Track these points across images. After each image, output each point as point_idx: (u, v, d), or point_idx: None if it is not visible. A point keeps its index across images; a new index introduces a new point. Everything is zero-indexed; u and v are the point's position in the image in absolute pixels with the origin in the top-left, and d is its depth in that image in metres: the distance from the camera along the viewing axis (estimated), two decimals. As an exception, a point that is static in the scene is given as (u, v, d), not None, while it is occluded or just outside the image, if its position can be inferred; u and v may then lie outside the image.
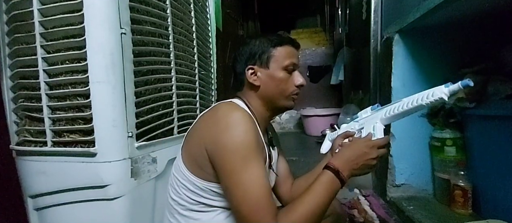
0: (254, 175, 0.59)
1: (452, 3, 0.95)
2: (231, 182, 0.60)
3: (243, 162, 0.59)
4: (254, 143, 0.61)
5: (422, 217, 1.17)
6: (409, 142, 1.39)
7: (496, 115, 1.02)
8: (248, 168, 0.59)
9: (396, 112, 0.66)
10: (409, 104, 0.63)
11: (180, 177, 0.69)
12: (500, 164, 1.04)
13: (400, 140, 1.40)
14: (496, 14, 1.07)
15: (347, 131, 0.80)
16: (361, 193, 1.67)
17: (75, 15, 0.75)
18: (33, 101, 0.82)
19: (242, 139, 0.60)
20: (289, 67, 0.73)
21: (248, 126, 0.61)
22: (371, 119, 0.72)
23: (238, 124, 0.61)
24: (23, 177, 0.86)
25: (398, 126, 1.40)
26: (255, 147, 0.61)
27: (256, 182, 0.59)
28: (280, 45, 0.74)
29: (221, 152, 0.61)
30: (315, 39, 3.96)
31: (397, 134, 1.40)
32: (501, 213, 1.00)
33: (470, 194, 1.14)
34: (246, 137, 0.60)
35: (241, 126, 0.61)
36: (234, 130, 0.60)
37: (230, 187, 0.60)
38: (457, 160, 1.24)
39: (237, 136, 0.60)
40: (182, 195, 0.68)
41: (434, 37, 1.30)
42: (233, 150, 0.59)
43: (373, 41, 1.73)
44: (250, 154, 0.60)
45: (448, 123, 1.26)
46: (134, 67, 0.83)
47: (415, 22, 1.16)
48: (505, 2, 0.94)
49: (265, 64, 0.74)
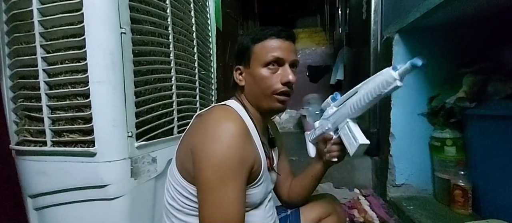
0: (228, 197, 0.56)
1: (452, 3, 0.95)
2: (203, 196, 0.58)
3: (220, 180, 0.56)
4: (236, 160, 0.58)
5: (422, 217, 1.17)
6: (409, 142, 1.39)
7: (496, 114, 1.02)
8: (223, 187, 0.56)
9: (360, 105, 0.64)
10: (369, 96, 0.61)
11: (174, 181, 0.67)
12: (500, 163, 1.04)
13: (400, 140, 1.40)
14: (496, 14, 1.07)
15: (325, 134, 0.75)
16: (361, 193, 1.66)
17: (75, 14, 0.75)
18: (32, 101, 0.82)
19: (223, 155, 0.57)
20: (271, 63, 0.67)
21: (234, 139, 0.58)
22: (340, 117, 0.70)
23: (224, 137, 0.57)
24: (23, 176, 0.86)
25: (398, 126, 1.40)
26: (236, 164, 0.58)
27: (228, 205, 0.56)
28: (260, 40, 0.68)
29: (201, 162, 0.58)
30: (315, 39, 3.96)
31: (397, 134, 1.40)
32: (501, 213, 1.00)
33: (470, 194, 1.14)
34: (229, 153, 0.57)
35: (226, 139, 0.57)
36: (218, 143, 0.57)
37: (201, 200, 0.58)
38: (457, 159, 1.24)
39: (219, 150, 0.57)
40: (177, 200, 0.66)
41: (434, 37, 1.30)
42: (212, 165, 0.57)
43: (373, 41, 1.73)
44: (229, 173, 0.57)
45: (448, 123, 1.26)
46: (134, 67, 0.83)
47: (415, 22, 1.16)
48: (505, 2, 0.94)
49: (247, 62, 0.70)
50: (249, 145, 0.63)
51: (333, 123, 0.72)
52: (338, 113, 0.71)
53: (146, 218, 0.90)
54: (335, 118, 0.72)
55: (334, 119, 0.72)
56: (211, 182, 0.57)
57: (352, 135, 0.66)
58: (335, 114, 0.72)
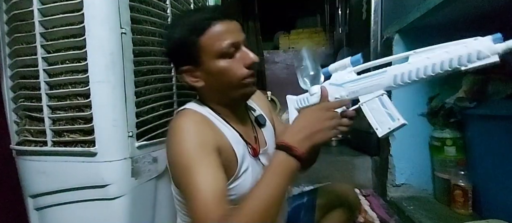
0: (199, 183, 0.54)
1: (452, 3, 0.95)
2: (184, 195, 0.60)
3: (187, 174, 0.55)
4: (193, 149, 0.56)
5: (422, 217, 1.17)
6: (409, 142, 1.39)
7: (496, 114, 1.02)
8: (193, 177, 0.54)
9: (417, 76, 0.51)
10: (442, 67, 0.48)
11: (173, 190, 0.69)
12: (500, 163, 1.04)
13: (400, 139, 1.40)
14: (496, 14, 1.07)
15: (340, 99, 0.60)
16: (361, 193, 1.67)
17: (75, 14, 0.75)
18: (33, 101, 0.82)
19: (181, 151, 0.56)
20: (227, 51, 0.60)
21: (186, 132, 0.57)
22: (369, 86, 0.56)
23: (178, 135, 0.58)
24: (23, 176, 0.86)
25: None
26: (195, 152, 0.56)
27: (204, 190, 0.53)
28: (203, 31, 0.59)
29: (170, 168, 0.61)
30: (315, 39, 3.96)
31: (397, 134, 1.40)
32: (501, 213, 1.00)
33: (470, 194, 1.14)
34: (185, 146, 0.56)
35: (180, 136, 0.57)
36: (175, 144, 0.58)
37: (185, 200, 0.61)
38: (457, 159, 1.24)
39: (177, 147, 0.57)
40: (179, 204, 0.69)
41: (434, 37, 1.29)
42: (177, 164, 0.58)
43: (373, 41, 1.74)
44: (192, 162, 0.55)
45: (448, 123, 1.26)
46: (134, 67, 0.83)
47: (415, 22, 1.16)
48: (505, 2, 0.94)
49: (196, 60, 0.62)
50: (207, 130, 0.61)
51: (353, 92, 0.59)
52: (365, 81, 0.58)
53: (146, 218, 0.90)
54: (358, 86, 0.58)
55: (355, 87, 0.59)
56: (181, 180, 0.57)
57: (387, 111, 0.55)
58: (359, 81, 0.58)
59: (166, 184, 0.93)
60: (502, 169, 1.03)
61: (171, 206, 0.80)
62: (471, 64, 0.48)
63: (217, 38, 0.59)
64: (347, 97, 0.60)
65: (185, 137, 0.57)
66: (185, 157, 0.56)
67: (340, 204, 0.86)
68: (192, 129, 0.58)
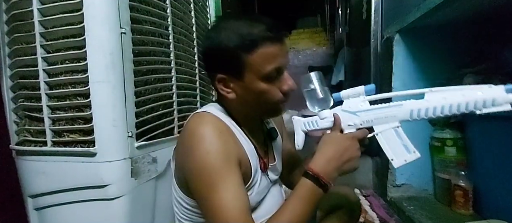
0: (222, 199, 0.53)
1: (453, 3, 0.95)
2: (202, 208, 0.57)
3: (209, 188, 0.54)
4: (218, 162, 0.54)
5: (422, 217, 1.17)
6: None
7: (497, 115, 1.02)
8: (215, 193, 0.53)
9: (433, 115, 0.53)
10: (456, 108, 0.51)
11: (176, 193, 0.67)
12: (500, 164, 1.03)
13: (401, 140, 1.40)
14: (496, 14, 1.07)
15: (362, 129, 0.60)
16: (361, 193, 1.66)
17: (75, 14, 0.75)
18: (33, 101, 0.82)
19: (204, 163, 0.54)
20: (271, 74, 0.58)
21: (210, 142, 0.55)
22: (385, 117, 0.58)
23: (200, 144, 0.55)
24: (23, 176, 0.86)
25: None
26: (219, 166, 0.54)
27: (225, 206, 0.52)
28: (255, 48, 0.56)
29: (189, 178, 0.57)
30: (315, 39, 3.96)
31: (398, 134, 1.40)
32: (502, 213, 1.00)
33: (470, 194, 1.14)
34: (208, 158, 0.54)
35: (203, 146, 0.54)
36: (196, 153, 0.55)
37: (202, 212, 0.58)
38: (458, 160, 1.24)
39: (199, 159, 0.54)
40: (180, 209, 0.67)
41: (434, 37, 1.30)
42: (197, 176, 0.55)
43: (374, 41, 1.73)
44: (216, 177, 0.54)
45: (449, 123, 1.26)
46: (134, 67, 0.83)
47: (415, 22, 1.15)
48: (505, 2, 0.94)
49: (239, 74, 0.58)
50: (231, 142, 0.59)
51: (367, 121, 0.60)
52: (380, 111, 0.58)
53: (146, 218, 0.90)
54: (373, 115, 0.59)
55: (370, 117, 0.59)
56: (202, 192, 0.55)
57: (403, 143, 0.57)
58: (374, 111, 0.59)
59: (166, 184, 0.93)
60: (502, 169, 1.03)
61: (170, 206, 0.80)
62: (486, 109, 0.51)
63: (266, 60, 0.57)
64: (361, 126, 0.60)
65: (209, 148, 0.54)
66: (209, 170, 0.54)
67: (340, 206, 0.86)
68: (217, 140, 0.55)
